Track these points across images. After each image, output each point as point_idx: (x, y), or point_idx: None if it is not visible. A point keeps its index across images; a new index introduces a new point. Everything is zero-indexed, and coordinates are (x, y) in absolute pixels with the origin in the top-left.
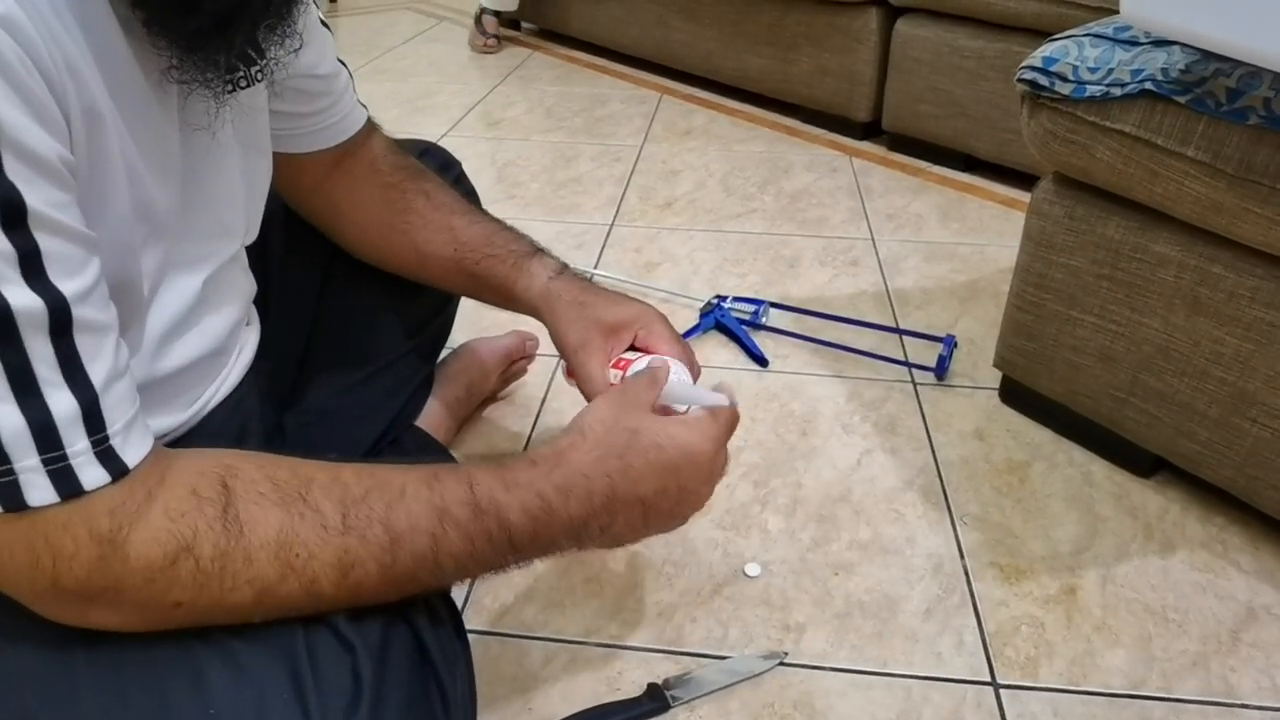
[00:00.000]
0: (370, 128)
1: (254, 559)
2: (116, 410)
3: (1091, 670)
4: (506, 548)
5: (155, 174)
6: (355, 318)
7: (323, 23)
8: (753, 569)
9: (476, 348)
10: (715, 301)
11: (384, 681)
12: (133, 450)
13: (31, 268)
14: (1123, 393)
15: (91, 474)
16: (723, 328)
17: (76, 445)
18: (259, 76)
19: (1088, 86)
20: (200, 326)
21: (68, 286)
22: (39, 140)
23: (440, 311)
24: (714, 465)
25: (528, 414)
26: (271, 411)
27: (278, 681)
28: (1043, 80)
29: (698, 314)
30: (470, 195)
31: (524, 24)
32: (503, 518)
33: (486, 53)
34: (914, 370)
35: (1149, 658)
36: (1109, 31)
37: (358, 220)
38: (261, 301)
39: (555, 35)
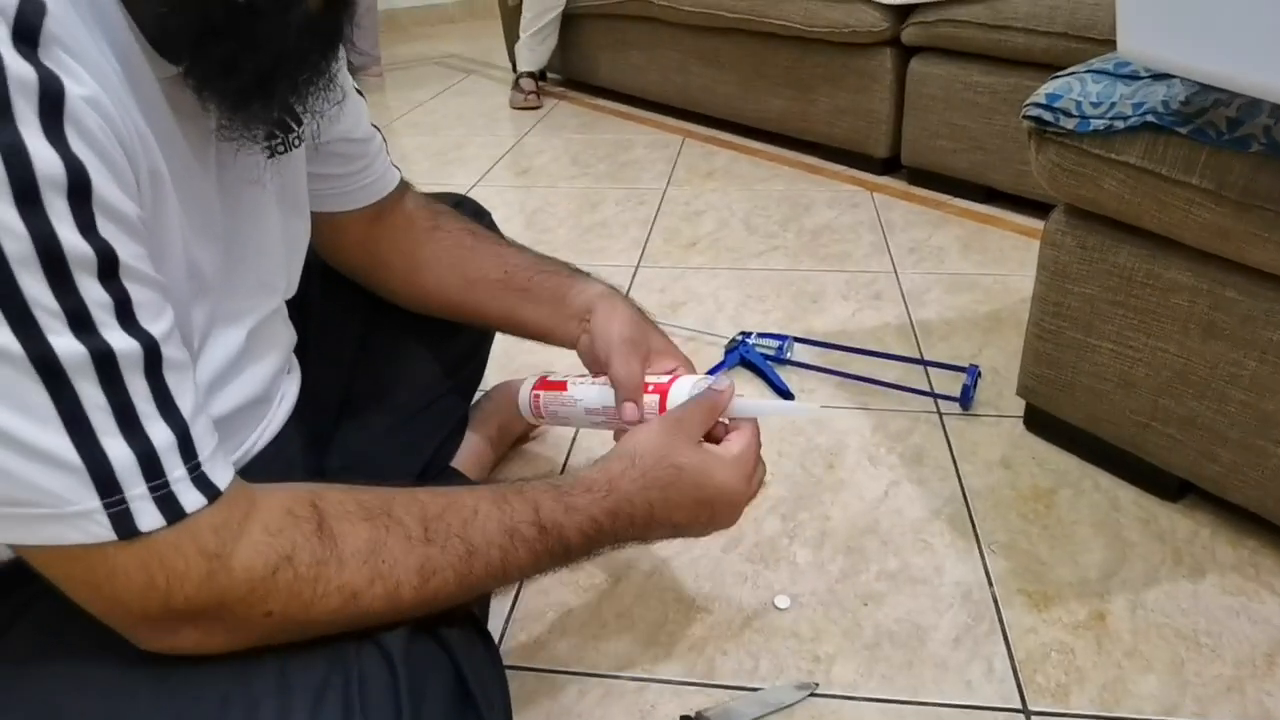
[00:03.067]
0: (404, 187)
1: (346, 565)
2: (204, 439)
3: (1124, 696)
4: (562, 559)
5: (199, 235)
6: (391, 363)
7: (357, 90)
8: (782, 601)
9: (509, 389)
10: (740, 338)
11: (425, 713)
12: (220, 475)
13: (125, 313)
14: (1144, 417)
15: (191, 498)
16: (748, 364)
17: (176, 472)
18: (296, 143)
19: (1091, 121)
20: (244, 375)
21: (155, 328)
22: (121, 201)
23: (474, 354)
24: (745, 498)
25: (559, 453)
26: (313, 457)
27: (330, 713)
28: (1047, 116)
29: (723, 351)
30: None
31: (549, 74)
32: (563, 537)
33: (528, 108)
34: (939, 401)
35: (1182, 683)
36: (1109, 67)
37: (401, 265)
38: (301, 351)
39: (579, 84)
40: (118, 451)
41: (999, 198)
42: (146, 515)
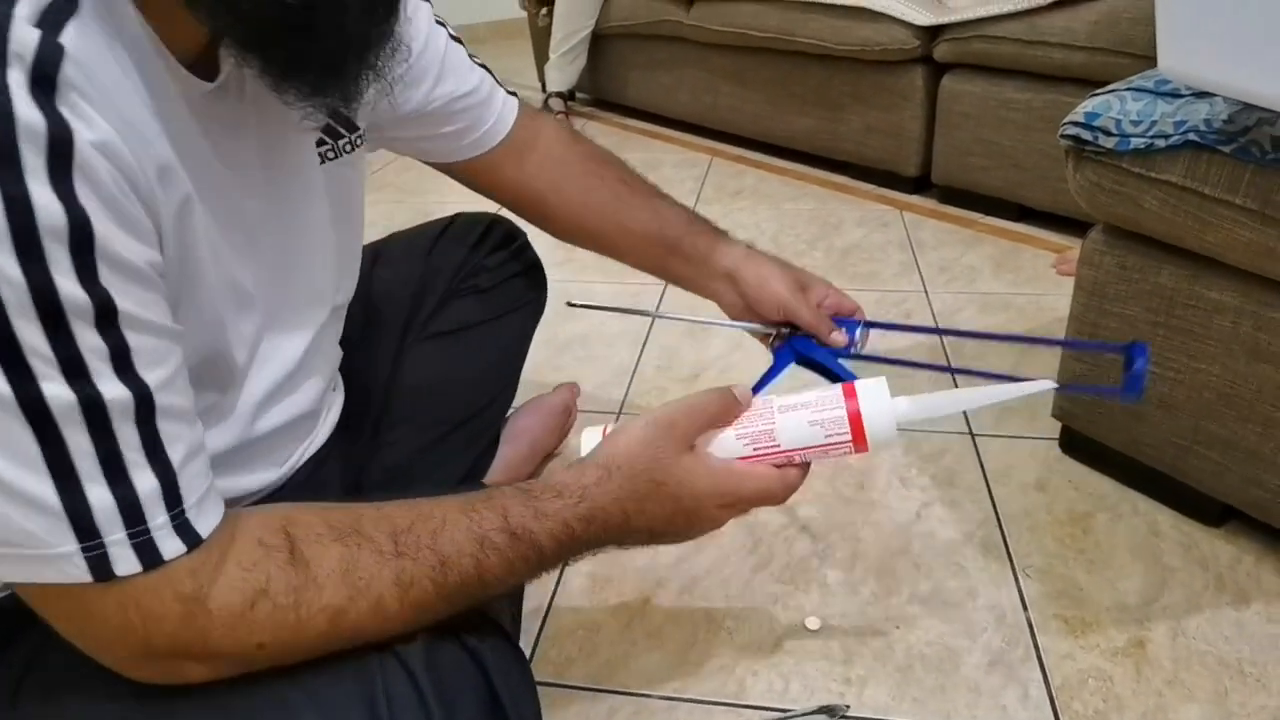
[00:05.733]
0: (531, 113)
1: (324, 587)
2: (192, 486)
3: None
4: (537, 565)
5: (238, 253)
6: (425, 382)
7: (453, 38)
8: (813, 622)
9: (537, 406)
10: (787, 332)
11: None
12: (205, 521)
13: (121, 362)
14: (1185, 440)
15: (171, 545)
16: (807, 361)
17: (158, 520)
18: (348, 149)
19: (1131, 139)
20: (299, 390)
21: (152, 377)
22: (130, 249)
23: (507, 372)
24: (723, 514)
25: None
26: (350, 471)
27: (359, 716)
28: (1086, 135)
29: (770, 353)
30: (534, 266)
31: (578, 94)
32: (535, 543)
33: None
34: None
35: (1226, 713)
36: (1150, 85)
37: (558, 205)
38: (344, 369)
39: (608, 104)
40: (99, 498)
41: (1032, 216)
42: (124, 561)
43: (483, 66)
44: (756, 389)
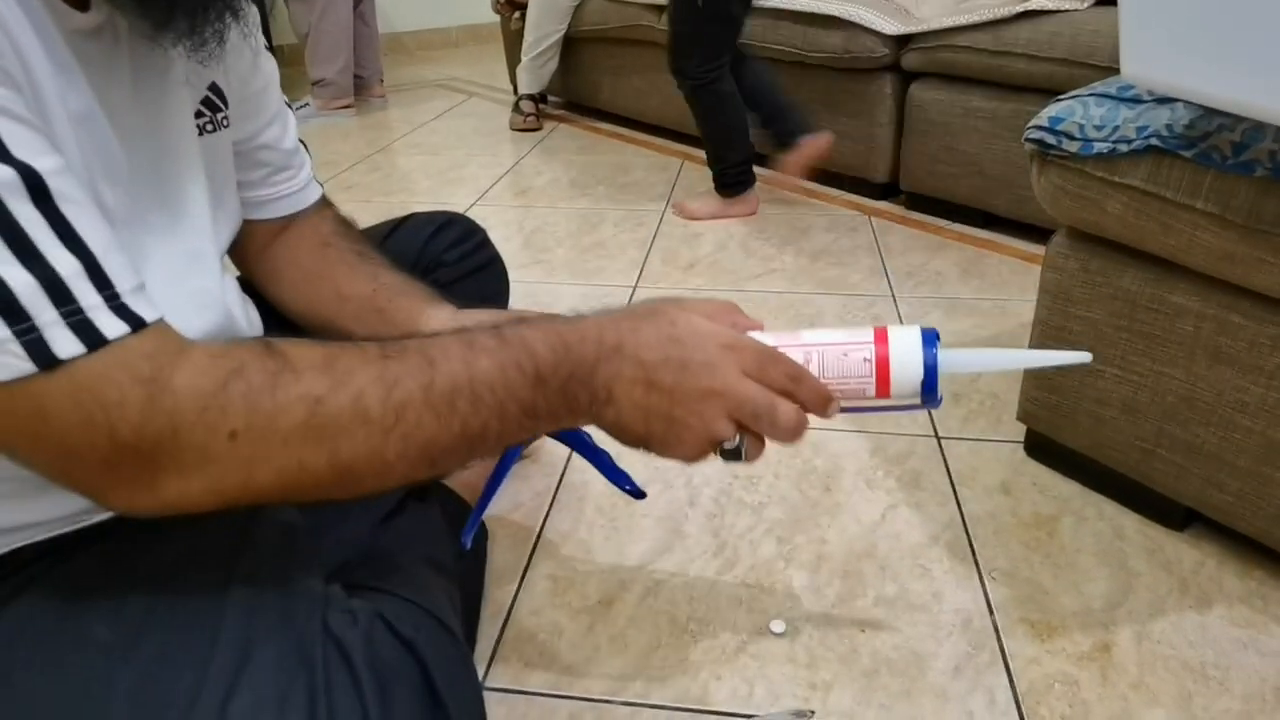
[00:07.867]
0: (323, 204)
1: (302, 374)
2: (121, 274)
3: None
4: (535, 379)
5: (111, 180)
6: None
7: (287, 104)
8: (778, 626)
9: None
10: None
11: (395, 714)
12: (146, 310)
13: None
14: (1149, 444)
15: (111, 324)
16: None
17: (89, 299)
18: (225, 123)
19: (1095, 144)
20: None
21: (36, 162)
22: None
23: None
24: (724, 356)
25: (553, 473)
26: None
27: (295, 704)
28: (1050, 139)
29: None
30: (494, 261)
31: (550, 96)
32: (528, 347)
33: (527, 129)
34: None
35: (1190, 717)
36: (1113, 90)
37: (290, 274)
38: None
39: (580, 107)
40: (18, 277)
41: (998, 223)
42: (63, 341)
43: (305, 150)
44: (480, 507)
